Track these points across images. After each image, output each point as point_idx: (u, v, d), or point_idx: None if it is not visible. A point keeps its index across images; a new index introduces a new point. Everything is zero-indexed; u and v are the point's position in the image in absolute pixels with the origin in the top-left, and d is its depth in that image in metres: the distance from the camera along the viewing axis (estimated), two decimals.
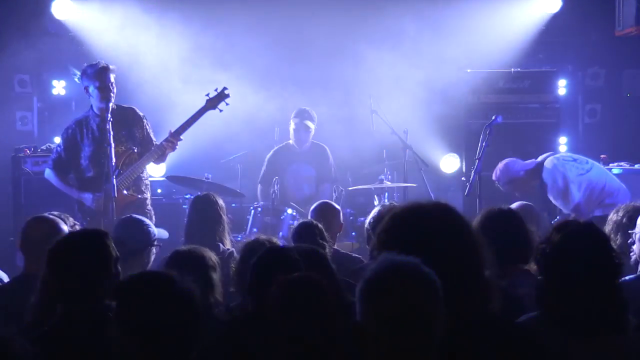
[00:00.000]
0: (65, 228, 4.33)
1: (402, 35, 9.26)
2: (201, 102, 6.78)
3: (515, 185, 7.01)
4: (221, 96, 6.75)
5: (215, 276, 3.86)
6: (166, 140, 6.53)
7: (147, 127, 6.69)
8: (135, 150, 6.56)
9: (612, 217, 4.94)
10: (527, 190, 7.01)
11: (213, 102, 6.72)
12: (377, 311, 2.13)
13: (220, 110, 6.82)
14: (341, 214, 6.15)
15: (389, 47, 9.33)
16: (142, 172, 6.64)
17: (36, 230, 4.27)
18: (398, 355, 2.12)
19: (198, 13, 9.20)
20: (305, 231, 5.07)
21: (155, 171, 8.74)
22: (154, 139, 6.71)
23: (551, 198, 6.88)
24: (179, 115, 7.25)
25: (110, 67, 6.41)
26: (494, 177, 7.07)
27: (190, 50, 8.98)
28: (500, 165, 7.06)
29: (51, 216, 4.45)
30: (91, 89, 6.38)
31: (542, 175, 6.88)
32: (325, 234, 5.08)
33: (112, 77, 6.40)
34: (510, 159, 7.10)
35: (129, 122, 6.53)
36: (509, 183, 7.01)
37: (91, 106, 6.54)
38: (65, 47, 9.19)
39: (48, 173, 6.70)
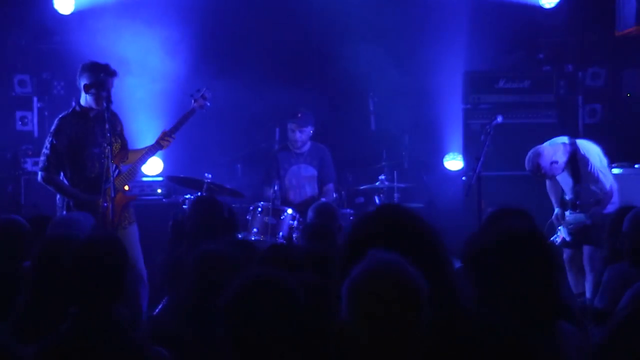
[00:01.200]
0: None
1: (402, 34, 9.26)
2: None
3: (554, 170, 6.81)
4: (204, 97, 6.83)
5: None
6: (162, 138, 6.57)
7: (122, 125, 6.73)
8: (125, 151, 6.59)
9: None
10: (555, 175, 6.92)
11: (199, 103, 6.80)
12: (362, 311, 2.12)
13: (205, 110, 6.88)
14: (339, 215, 6.16)
15: (389, 46, 9.33)
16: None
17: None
18: (382, 354, 2.11)
19: (199, 15, 9.21)
20: (321, 232, 5.11)
21: (151, 169, 8.76)
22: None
23: (588, 175, 6.76)
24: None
25: (114, 68, 6.39)
26: (529, 167, 6.78)
27: (187, 52, 9.00)
28: (533, 156, 6.76)
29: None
30: (92, 89, 6.32)
31: (582, 154, 6.76)
32: None
33: (114, 78, 6.38)
34: (533, 151, 6.86)
35: (113, 122, 6.50)
36: (551, 168, 6.76)
37: (78, 102, 6.48)
38: (66, 46, 9.20)
39: (43, 177, 6.42)
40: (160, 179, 8.78)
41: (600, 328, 3.83)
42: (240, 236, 7.40)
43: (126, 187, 6.46)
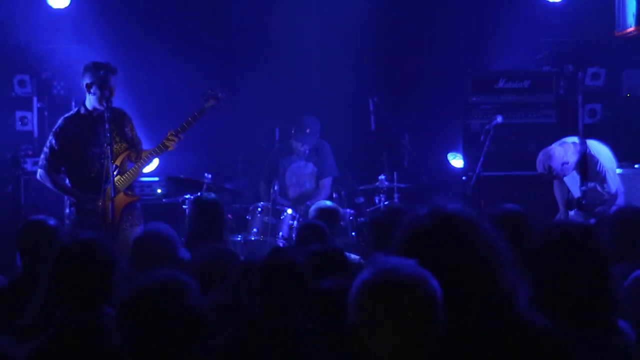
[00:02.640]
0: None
1: (402, 34, 9.26)
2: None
3: (564, 171, 6.81)
4: (216, 97, 6.73)
5: None
6: (167, 139, 6.51)
7: (134, 127, 6.67)
8: (131, 151, 6.53)
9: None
10: (565, 175, 6.91)
11: (209, 103, 6.71)
12: (371, 315, 2.09)
13: (216, 111, 6.80)
14: (341, 216, 6.17)
15: (389, 46, 9.33)
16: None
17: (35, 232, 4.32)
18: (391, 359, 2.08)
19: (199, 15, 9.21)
20: (309, 233, 5.09)
21: (147, 167, 8.74)
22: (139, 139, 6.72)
23: (596, 175, 6.78)
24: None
25: (114, 66, 6.38)
26: (541, 170, 6.78)
27: (187, 51, 9.00)
28: (544, 158, 6.77)
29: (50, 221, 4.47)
30: (94, 88, 6.33)
31: (592, 153, 6.78)
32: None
33: (115, 77, 6.37)
34: (543, 152, 6.86)
35: (120, 122, 6.49)
36: (562, 169, 6.76)
37: (83, 104, 6.48)
38: (66, 46, 9.20)
39: (40, 174, 6.48)
40: (156, 178, 8.76)
41: None
42: (239, 236, 7.42)
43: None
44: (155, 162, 8.71)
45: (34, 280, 3.59)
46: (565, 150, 6.81)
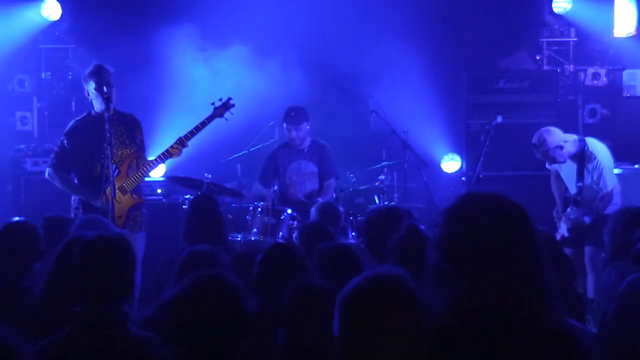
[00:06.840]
0: None
1: (402, 34, 9.26)
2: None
3: (556, 154, 6.90)
4: (227, 105, 6.81)
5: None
6: (172, 147, 6.52)
7: (142, 134, 6.68)
8: (138, 154, 6.53)
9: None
10: (555, 161, 6.97)
11: (219, 111, 6.78)
12: (350, 328, 2.06)
13: (226, 119, 6.86)
14: (342, 215, 6.17)
15: (389, 47, 9.33)
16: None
17: None
18: None
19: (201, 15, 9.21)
20: (314, 231, 5.10)
21: (155, 172, 8.75)
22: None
23: (593, 172, 6.81)
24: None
25: (108, 67, 6.39)
26: (535, 140, 6.89)
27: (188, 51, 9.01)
28: (543, 131, 6.91)
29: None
30: (91, 90, 6.36)
31: (590, 151, 6.84)
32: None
33: (110, 77, 6.38)
34: (545, 127, 6.98)
35: (129, 125, 6.51)
36: (555, 149, 6.85)
37: (91, 108, 6.52)
38: (66, 46, 9.21)
39: (49, 173, 6.54)
40: (160, 179, 8.78)
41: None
42: (239, 237, 7.42)
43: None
44: (162, 167, 8.74)
45: None
46: (565, 137, 6.93)
